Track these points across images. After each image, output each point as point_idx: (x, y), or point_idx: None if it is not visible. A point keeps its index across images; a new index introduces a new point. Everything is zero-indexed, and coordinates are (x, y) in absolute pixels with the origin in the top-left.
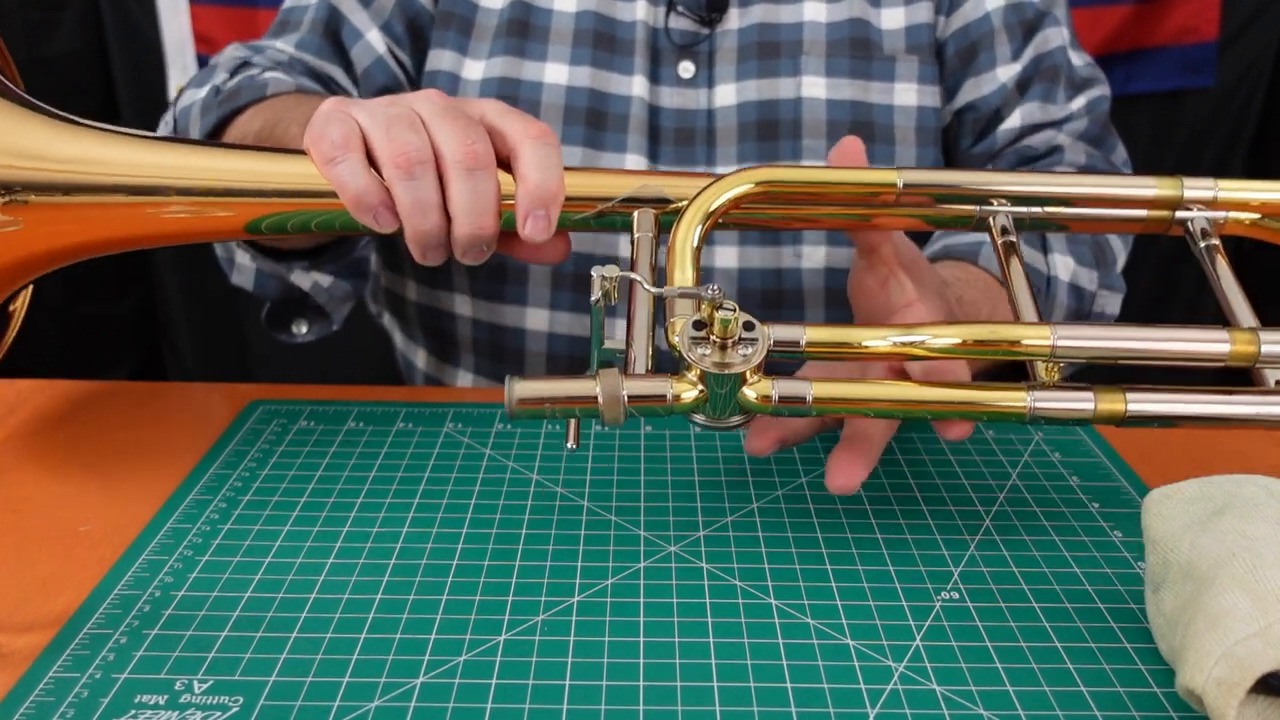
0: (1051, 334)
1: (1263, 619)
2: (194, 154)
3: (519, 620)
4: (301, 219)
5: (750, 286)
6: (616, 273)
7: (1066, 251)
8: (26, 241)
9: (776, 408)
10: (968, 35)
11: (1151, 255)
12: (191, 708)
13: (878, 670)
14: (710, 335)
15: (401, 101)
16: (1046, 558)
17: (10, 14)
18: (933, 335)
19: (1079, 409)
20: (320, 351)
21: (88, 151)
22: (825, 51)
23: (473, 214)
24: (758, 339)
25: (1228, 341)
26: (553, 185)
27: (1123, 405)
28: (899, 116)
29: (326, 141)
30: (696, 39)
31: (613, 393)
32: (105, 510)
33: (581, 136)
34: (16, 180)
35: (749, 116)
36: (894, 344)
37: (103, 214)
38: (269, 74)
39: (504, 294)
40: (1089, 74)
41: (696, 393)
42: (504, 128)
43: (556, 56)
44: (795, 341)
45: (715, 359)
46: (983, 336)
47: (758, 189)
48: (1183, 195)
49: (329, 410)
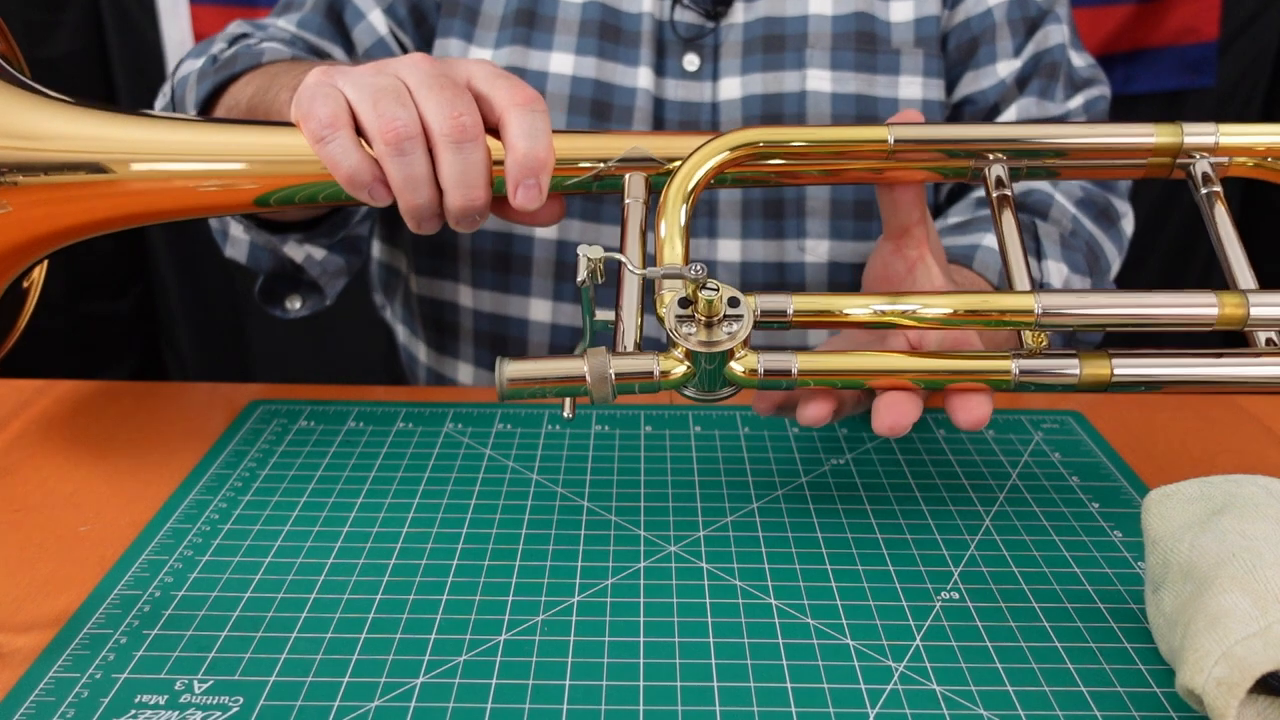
0: (1036, 301)
1: (1263, 619)
2: (188, 129)
3: (519, 620)
4: (304, 191)
5: (753, 280)
6: (601, 253)
7: (1060, 258)
8: (20, 224)
9: (763, 380)
10: (970, 29)
11: (1160, 242)
12: (191, 708)
13: (878, 670)
14: (696, 313)
15: (388, 69)
16: (1046, 558)
17: (10, 14)
18: (922, 304)
19: (1064, 375)
20: (320, 351)
21: (80, 129)
22: (830, 45)
23: (463, 186)
24: (743, 315)
25: (1215, 305)
26: (541, 153)
27: (1108, 370)
28: (904, 110)
29: (315, 120)
30: (702, 32)
31: (600, 371)
32: (105, 510)
33: (586, 128)
34: (5, 161)
35: (753, 110)
36: (875, 311)
37: (93, 192)
38: (266, 44)
39: (507, 284)
40: (1090, 74)
41: (684, 369)
42: (490, 93)
43: (562, 46)
44: (783, 311)
45: (701, 337)
46: (972, 306)
47: (738, 153)
48: (1183, 142)
49: (329, 410)
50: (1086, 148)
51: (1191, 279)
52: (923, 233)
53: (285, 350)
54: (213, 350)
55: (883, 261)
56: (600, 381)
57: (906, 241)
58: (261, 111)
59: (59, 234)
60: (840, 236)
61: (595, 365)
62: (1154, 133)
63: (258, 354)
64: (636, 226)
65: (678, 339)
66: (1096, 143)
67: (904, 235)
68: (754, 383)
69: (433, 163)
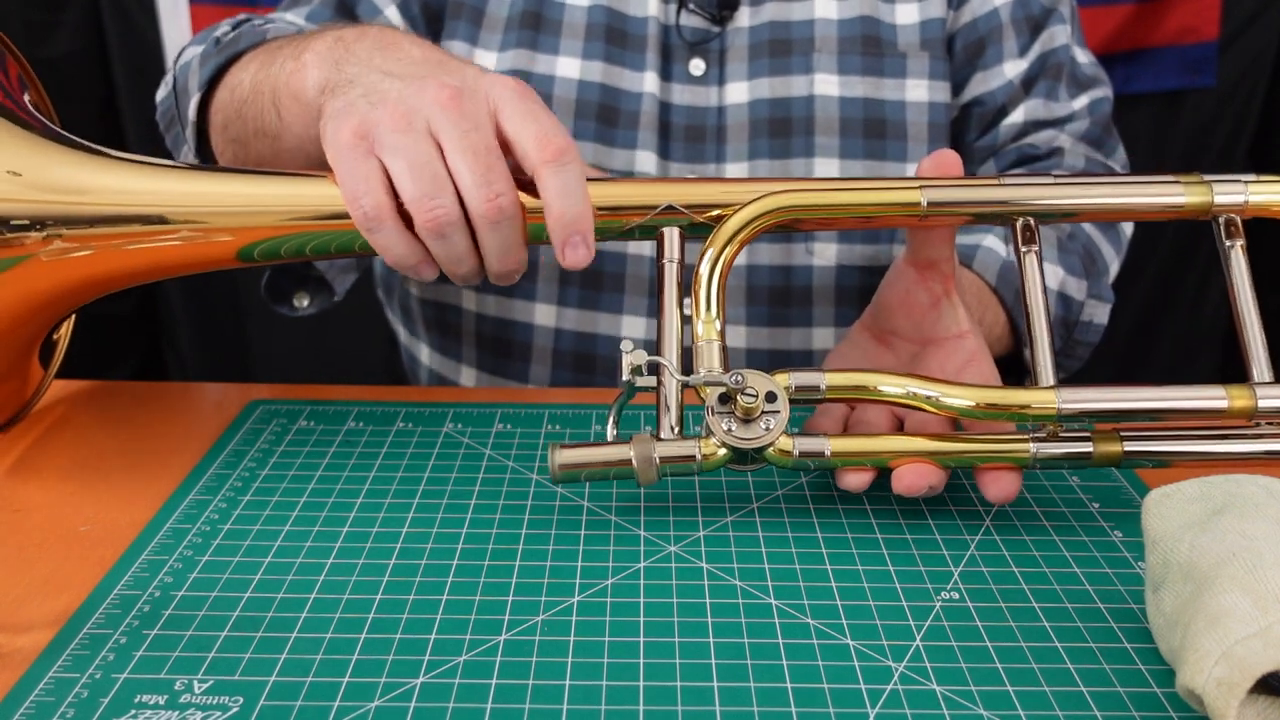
0: (1057, 397)
1: (1263, 619)
2: (226, 181)
3: (519, 620)
4: (339, 240)
5: (759, 284)
6: (645, 358)
7: (1056, 261)
8: (77, 268)
9: (797, 461)
10: (976, 30)
11: (1160, 246)
12: (191, 708)
13: (878, 670)
14: (735, 410)
15: (417, 120)
16: (1046, 558)
17: (10, 15)
18: (944, 393)
19: (1079, 454)
20: (320, 351)
21: (124, 184)
22: (837, 49)
23: (502, 256)
24: (779, 410)
25: (1225, 399)
26: (578, 212)
27: (1119, 448)
28: (911, 113)
29: (359, 210)
30: (708, 36)
31: (646, 456)
32: (105, 510)
33: (593, 132)
34: (50, 215)
35: (760, 114)
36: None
37: (136, 244)
38: (270, 26)
39: (511, 289)
40: (1093, 72)
41: (724, 452)
42: (520, 140)
43: (569, 50)
44: (816, 387)
45: (740, 433)
46: (994, 400)
47: (766, 220)
48: (1213, 203)
49: (329, 410)
50: (1114, 209)
51: (1191, 281)
52: (950, 268)
53: (285, 350)
54: (213, 350)
55: (905, 288)
56: (646, 465)
57: (931, 274)
58: (267, 90)
59: (105, 281)
60: (848, 240)
61: (641, 452)
62: (1183, 193)
63: (258, 354)
64: (673, 297)
65: (717, 432)
66: (1125, 204)
67: (930, 267)
68: (788, 463)
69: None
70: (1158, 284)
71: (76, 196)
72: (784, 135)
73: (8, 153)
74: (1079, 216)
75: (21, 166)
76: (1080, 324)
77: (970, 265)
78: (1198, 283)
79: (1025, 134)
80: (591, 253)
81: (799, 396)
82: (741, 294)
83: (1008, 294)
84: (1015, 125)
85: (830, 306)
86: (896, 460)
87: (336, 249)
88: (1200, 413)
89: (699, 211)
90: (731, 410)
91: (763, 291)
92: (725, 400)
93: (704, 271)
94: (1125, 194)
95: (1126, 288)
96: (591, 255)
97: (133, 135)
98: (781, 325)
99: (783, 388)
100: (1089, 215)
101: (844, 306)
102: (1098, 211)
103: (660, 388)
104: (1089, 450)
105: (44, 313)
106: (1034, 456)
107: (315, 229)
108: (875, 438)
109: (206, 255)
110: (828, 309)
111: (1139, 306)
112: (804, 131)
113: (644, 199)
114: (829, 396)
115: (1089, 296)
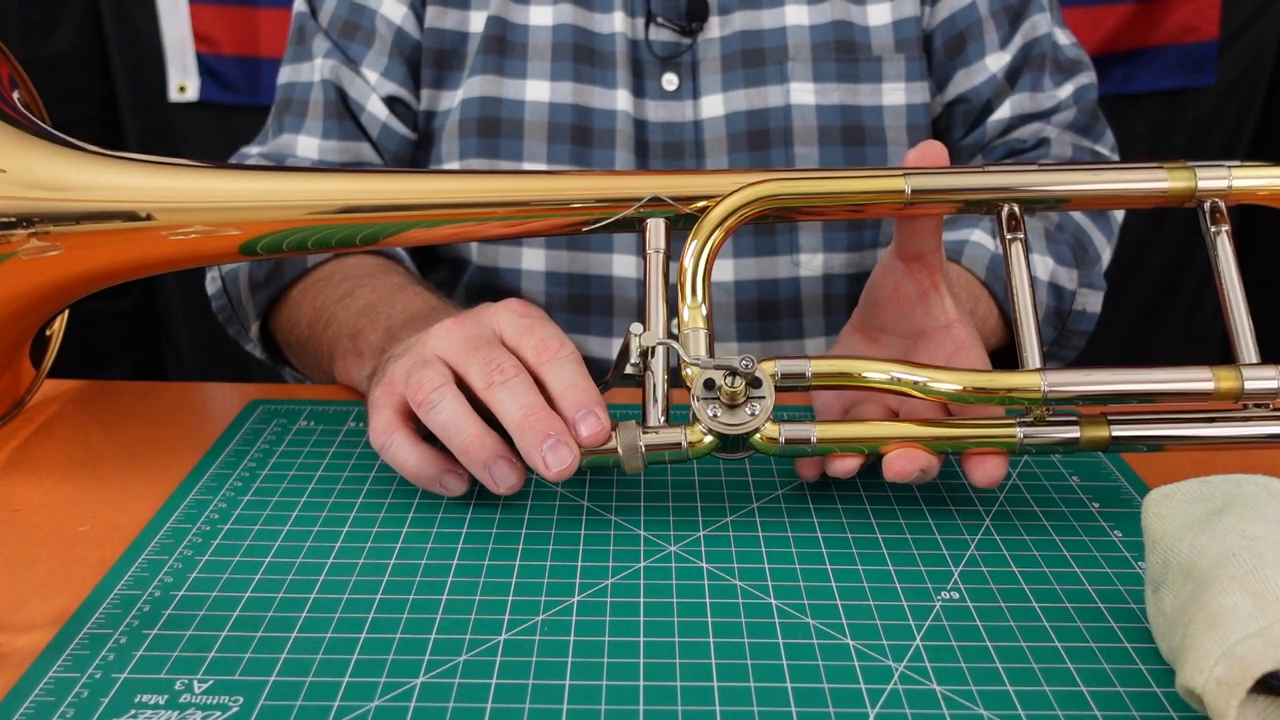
0: (1042, 380)
1: (1263, 619)
2: (215, 177)
3: (519, 620)
4: (317, 235)
5: (746, 299)
6: (655, 339)
7: (1045, 251)
8: (64, 265)
9: (783, 449)
10: (955, 25)
11: (1161, 239)
12: (191, 708)
13: (878, 670)
14: (720, 395)
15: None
16: (1046, 558)
17: (10, 14)
18: (931, 378)
19: (1066, 438)
20: None
21: (111, 180)
22: (811, 56)
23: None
24: (765, 396)
25: (1211, 380)
26: (583, 395)
27: (1106, 432)
28: (889, 117)
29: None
30: (678, 50)
31: (631, 444)
32: (105, 510)
33: (569, 155)
34: (36, 212)
35: (738, 127)
36: (893, 379)
37: (122, 240)
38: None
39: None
40: (1075, 54)
41: (710, 439)
42: (520, 349)
43: (537, 73)
44: (801, 374)
45: (725, 419)
46: (981, 384)
47: (749, 210)
48: (1196, 188)
49: (329, 410)
50: (1099, 194)
51: (1191, 281)
52: (938, 261)
53: None
54: (213, 350)
55: (893, 281)
56: (631, 454)
57: (919, 267)
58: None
59: (92, 278)
60: (834, 248)
61: (626, 439)
62: (1166, 178)
63: None
64: (658, 286)
65: (702, 419)
66: (1109, 189)
67: (917, 260)
68: (774, 450)
69: None
70: (1158, 284)
71: (63, 193)
72: (763, 147)
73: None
74: (1063, 203)
75: (7, 164)
76: (1073, 313)
77: (959, 260)
78: (1197, 283)
79: (1012, 129)
80: (607, 425)
81: (785, 384)
82: (730, 310)
83: (998, 287)
84: (1002, 121)
85: (820, 316)
86: (884, 446)
87: (337, 243)
88: (1187, 395)
89: (684, 203)
90: (716, 396)
91: (751, 306)
92: (710, 387)
93: (689, 261)
94: (1109, 179)
95: (1126, 288)
96: (607, 427)
97: (132, 133)
98: (773, 339)
99: (769, 375)
100: (1074, 202)
101: (833, 315)
102: (1082, 198)
103: (648, 377)
104: (1076, 435)
105: (34, 309)
106: (1020, 441)
107: (313, 224)
108: (861, 424)
109: (198, 250)
110: (817, 319)
111: (1139, 306)
112: (782, 142)
113: (629, 191)
114: (814, 384)
115: (1081, 285)
